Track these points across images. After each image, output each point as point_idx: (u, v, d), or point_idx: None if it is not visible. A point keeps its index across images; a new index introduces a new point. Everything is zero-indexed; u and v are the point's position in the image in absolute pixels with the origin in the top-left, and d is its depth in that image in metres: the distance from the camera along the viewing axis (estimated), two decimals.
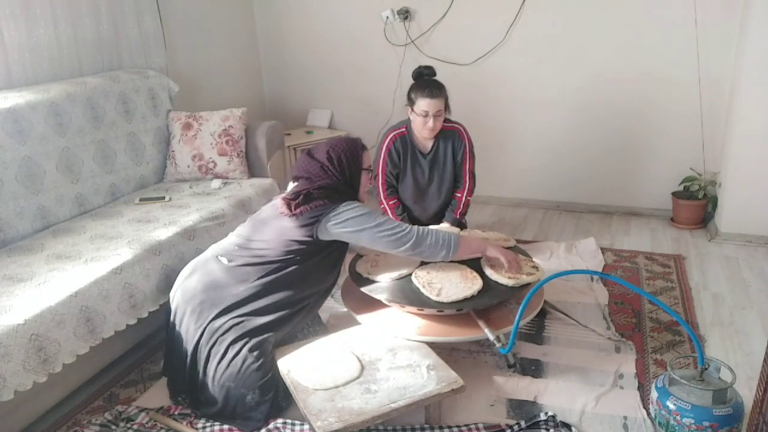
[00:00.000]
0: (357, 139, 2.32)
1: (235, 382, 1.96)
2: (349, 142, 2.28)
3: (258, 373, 1.96)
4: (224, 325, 2.01)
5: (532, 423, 1.95)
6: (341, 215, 2.10)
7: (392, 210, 3.04)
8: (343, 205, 2.12)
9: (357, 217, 2.11)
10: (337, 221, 2.10)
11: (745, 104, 3.18)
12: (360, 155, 2.28)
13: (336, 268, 2.29)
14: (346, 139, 2.31)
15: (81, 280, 2.06)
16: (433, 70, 2.91)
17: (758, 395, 1.70)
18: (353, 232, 2.11)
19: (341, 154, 2.22)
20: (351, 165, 2.24)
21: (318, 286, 2.22)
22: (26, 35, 2.67)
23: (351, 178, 2.24)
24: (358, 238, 2.14)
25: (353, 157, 2.25)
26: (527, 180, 4.04)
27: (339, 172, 2.21)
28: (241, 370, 1.96)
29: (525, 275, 2.24)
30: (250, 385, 1.96)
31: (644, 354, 2.33)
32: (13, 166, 2.41)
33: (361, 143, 2.32)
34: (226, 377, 1.97)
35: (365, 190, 2.33)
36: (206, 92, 3.85)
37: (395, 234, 2.12)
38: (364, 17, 4.04)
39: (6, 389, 1.76)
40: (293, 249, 2.11)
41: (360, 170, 2.28)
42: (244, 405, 1.96)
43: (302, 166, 2.26)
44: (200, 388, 2.05)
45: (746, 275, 2.99)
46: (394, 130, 3.02)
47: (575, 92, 3.74)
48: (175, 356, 2.13)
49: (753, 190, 3.25)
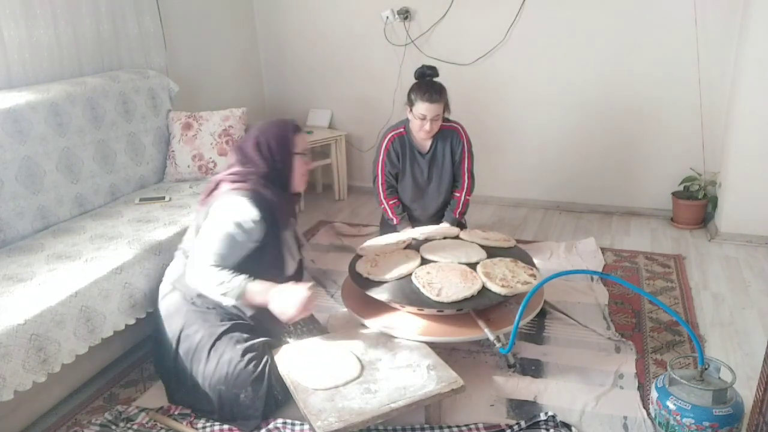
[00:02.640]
0: (288, 122, 2.18)
1: (226, 384, 1.96)
2: (278, 125, 2.16)
3: (246, 370, 1.95)
4: (195, 336, 2.02)
5: (532, 423, 1.95)
6: (214, 211, 2.03)
7: (392, 210, 3.04)
8: (222, 204, 2.02)
9: (215, 224, 2.01)
10: (215, 210, 2.03)
11: (745, 104, 3.18)
12: (291, 139, 2.13)
13: (276, 263, 2.14)
14: (276, 122, 2.18)
15: (81, 280, 2.05)
16: (435, 71, 2.90)
17: (758, 395, 1.70)
18: (205, 230, 2.03)
19: (270, 140, 2.10)
20: (281, 150, 2.11)
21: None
22: (26, 35, 2.67)
23: (282, 164, 2.12)
24: (202, 231, 2.04)
25: (283, 142, 2.11)
26: (527, 180, 4.04)
27: (269, 159, 2.09)
28: (229, 371, 1.95)
29: (520, 284, 2.22)
30: (241, 384, 1.95)
31: (644, 354, 2.33)
32: (13, 166, 2.41)
33: (293, 125, 2.17)
34: (216, 381, 1.97)
35: (301, 176, 2.19)
36: (206, 92, 3.85)
37: (211, 263, 1.98)
38: (364, 17, 4.04)
39: (6, 389, 1.76)
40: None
41: (291, 155, 2.13)
42: (239, 404, 1.96)
43: (232, 154, 2.16)
44: (192, 392, 2.04)
45: (746, 275, 2.99)
46: (392, 130, 3.02)
47: (575, 92, 3.74)
48: (164, 365, 2.15)
49: (753, 190, 3.25)
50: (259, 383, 1.96)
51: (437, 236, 2.69)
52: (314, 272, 3.12)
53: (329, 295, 2.88)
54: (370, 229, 3.61)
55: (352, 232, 3.60)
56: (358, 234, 3.56)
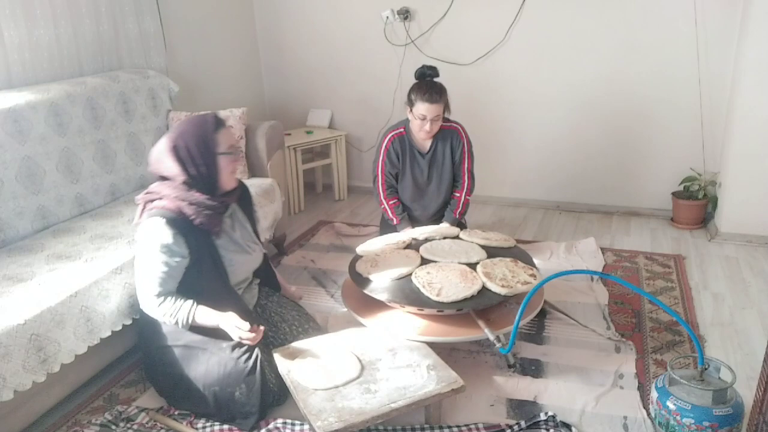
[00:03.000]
0: (207, 119, 2.00)
1: (219, 384, 1.95)
2: (196, 125, 1.99)
3: (237, 367, 1.94)
4: (180, 341, 2.01)
5: (532, 423, 1.95)
6: (137, 238, 1.98)
7: (392, 210, 3.04)
8: (141, 231, 1.97)
9: (141, 252, 1.97)
10: (138, 238, 1.98)
11: (745, 104, 3.18)
12: (212, 138, 1.98)
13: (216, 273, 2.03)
14: (194, 121, 2.01)
15: (81, 280, 2.05)
16: (436, 71, 2.90)
17: (758, 395, 1.70)
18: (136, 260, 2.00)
19: (188, 143, 1.95)
20: (203, 153, 1.96)
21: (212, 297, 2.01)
22: (26, 35, 2.67)
23: (206, 168, 1.98)
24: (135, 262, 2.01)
25: (204, 143, 1.96)
26: (527, 180, 4.04)
27: (189, 164, 1.96)
28: (220, 371, 1.95)
29: (520, 284, 2.22)
30: (235, 382, 1.94)
31: (644, 354, 2.33)
32: (13, 166, 2.41)
33: (213, 122, 2.00)
34: (209, 383, 1.96)
35: (230, 174, 2.05)
36: (206, 92, 3.85)
37: (153, 293, 1.95)
38: (364, 17, 4.04)
39: (6, 389, 1.76)
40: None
41: (215, 156, 1.98)
42: (236, 402, 1.95)
43: (153, 160, 2.03)
44: (188, 396, 2.03)
45: (746, 275, 2.99)
46: (392, 130, 3.03)
47: (575, 92, 3.74)
48: (155, 374, 2.14)
49: (753, 190, 3.26)
50: (252, 378, 1.94)
51: (437, 236, 2.69)
52: (314, 272, 3.12)
53: (329, 295, 2.88)
54: (370, 229, 3.61)
55: (352, 232, 3.60)
56: (358, 234, 3.56)
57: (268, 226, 3.05)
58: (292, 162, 3.89)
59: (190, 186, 1.99)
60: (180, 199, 1.96)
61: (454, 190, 3.09)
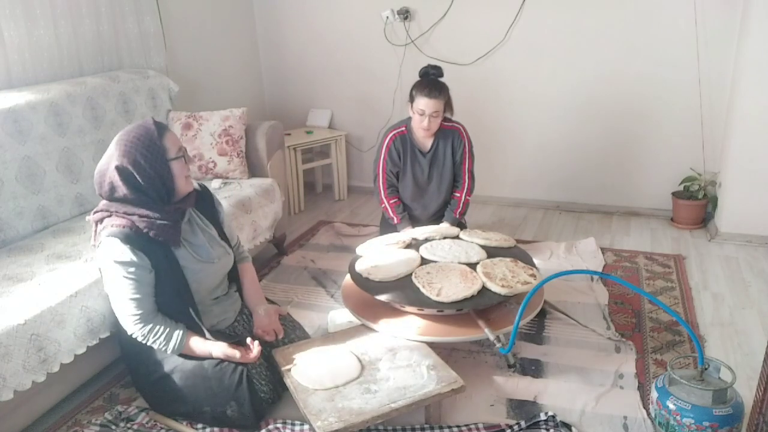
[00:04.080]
0: (148, 127, 1.89)
1: (210, 404, 1.92)
2: (139, 135, 1.87)
3: (223, 385, 1.90)
4: (164, 365, 1.97)
5: (532, 423, 1.94)
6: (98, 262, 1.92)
7: (393, 209, 3.05)
8: (99, 254, 1.89)
9: (106, 275, 1.88)
10: (98, 262, 1.92)
11: (745, 104, 3.18)
12: (160, 146, 1.88)
13: (179, 284, 1.94)
14: (134, 131, 1.88)
15: (81, 280, 2.05)
16: (440, 71, 2.92)
17: (758, 395, 1.70)
18: (105, 284, 1.93)
19: (136, 158, 1.85)
20: (152, 163, 1.86)
21: (172, 314, 1.95)
22: (26, 35, 2.67)
23: (159, 177, 1.88)
24: (105, 288, 1.94)
25: (151, 153, 1.86)
26: (527, 180, 4.04)
27: (136, 179, 1.86)
28: (207, 393, 1.91)
29: (520, 284, 2.22)
30: (224, 401, 1.91)
31: (644, 354, 2.33)
32: (13, 166, 2.41)
33: (154, 128, 1.88)
34: (200, 404, 1.93)
35: (185, 179, 1.96)
36: (206, 92, 3.85)
37: (134, 314, 1.87)
38: (364, 17, 4.04)
39: (6, 389, 1.76)
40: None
41: (166, 163, 1.89)
42: (229, 419, 1.93)
43: (98, 181, 1.91)
44: (182, 409, 1.99)
45: (746, 275, 2.99)
46: (393, 129, 3.03)
47: (575, 92, 3.74)
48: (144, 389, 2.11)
49: (753, 190, 3.25)
50: (240, 393, 1.90)
51: (437, 236, 2.69)
52: (314, 272, 3.12)
53: (329, 295, 2.88)
54: (370, 229, 3.61)
55: (352, 232, 3.60)
56: (358, 234, 3.56)
57: (268, 226, 3.05)
58: (292, 162, 3.89)
59: (140, 198, 1.89)
60: (129, 214, 1.86)
61: (454, 190, 3.10)
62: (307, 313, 2.66)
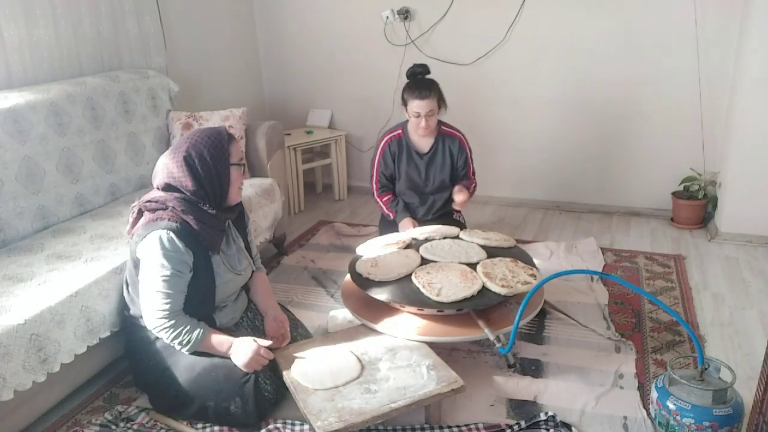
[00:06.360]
0: (221, 131, 2.03)
1: (214, 399, 1.92)
2: (212, 136, 2.00)
3: (230, 381, 1.91)
4: (168, 360, 1.98)
5: (532, 423, 1.95)
6: (141, 252, 1.92)
7: (387, 206, 3.08)
8: (146, 243, 1.90)
9: (148, 266, 1.91)
10: (142, 251, 1.92)
11: (745, 104, 3.18)
12: (227, 149, 2.00)
13: (207, 289, 2.00)
14: (208, 132, 2.01)
15: (81, 280, 2.05)
16: (426, 68, 2.92)
17: (758, 395, 1.70)
18: (142, 275, 1.93)
19: (203, 152, 1.96)
20: (217, 163, 1.97)
21: (198, 315, 2.00)
22: (26, 35, 2.67)
23: (218, 178, 1.99)
24: (140, 276, 1.95)
25: (219, 153, 1.98)
26: (527, 180, 4.04)
27: (200, 175, 1.95)
28: (213, 387, 1.91)
29: (520, 284, 2.22)
30: (228, 396, 1.91)
31: (644, 354, 2.33)
32: (13, 166, 2.41)
33: (226, 134, 2.02)
34: (204, 398, 1.93)
35: (237, 189, 2.07)
36: (206, 92, 3.85)
37: (162, 309, 1.90)
38: (364, 17, 4.04)
39: (6, 389, 1.76)
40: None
41: (228, 166, 2.00)
42: (232, 415, 1.93)
43: (160, 170, 2.00)
44: (184, 407, 1.99)
45: (746, 275, 2.99)
46: (390, 132, 3.06)
47: (575, 92, 3.74)
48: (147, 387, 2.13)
49: (753, 190, 3.25)
50: (246, 390, 1.91)
51: (437, 236, 2.69)
52: (314, 272, 3.12)
53: (329, 295, 2.88)
54: (370, 229, 3.61)
55: (352, 232, 3.60)
56: (358, 234, 3.56)
57: (268, 226, 3.05)
58: (292, 162, 3.89)
59: (198, 199, 1.97)
60: (186, 213, 1.93)
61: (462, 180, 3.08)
62: (307, 313, 2.66)
